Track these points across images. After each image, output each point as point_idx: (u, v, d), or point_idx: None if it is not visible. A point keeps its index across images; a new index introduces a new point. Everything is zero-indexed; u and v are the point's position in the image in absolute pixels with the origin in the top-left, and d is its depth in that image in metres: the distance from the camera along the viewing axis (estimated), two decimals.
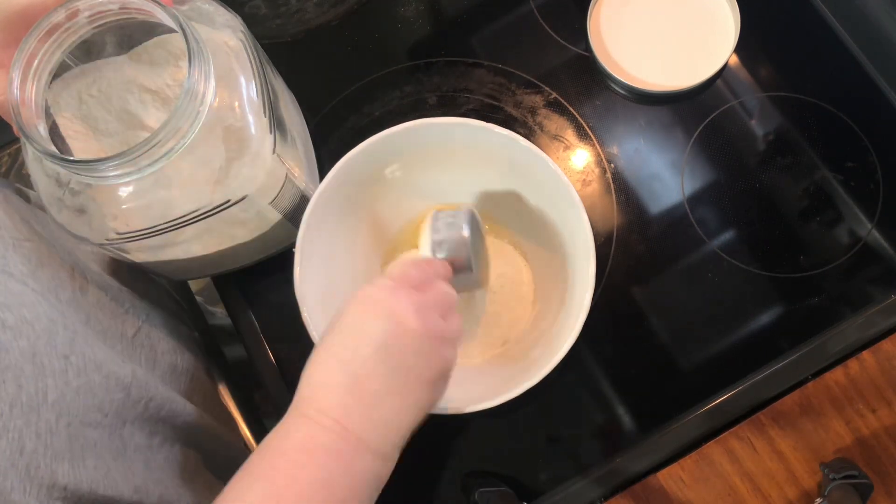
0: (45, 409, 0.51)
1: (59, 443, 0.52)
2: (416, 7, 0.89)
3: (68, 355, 0.54)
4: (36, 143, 0.52)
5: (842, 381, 0.74)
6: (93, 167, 0.52)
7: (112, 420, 0.59)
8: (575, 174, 0.82)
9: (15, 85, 0.53)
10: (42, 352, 0.52)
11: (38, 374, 0.51)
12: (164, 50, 0.61)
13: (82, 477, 0.53)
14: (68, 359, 0.54)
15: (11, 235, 0.58)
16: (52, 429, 0.51)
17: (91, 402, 0.56)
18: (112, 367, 0.59)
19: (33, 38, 0.54)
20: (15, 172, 1.78)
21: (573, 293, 0.68)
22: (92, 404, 0.56)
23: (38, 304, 0.54)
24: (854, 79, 0.83)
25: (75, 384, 0.54)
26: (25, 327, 0.51)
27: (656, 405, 0.75)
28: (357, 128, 0.85)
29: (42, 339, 0.52)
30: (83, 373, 0.55)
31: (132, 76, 0.61)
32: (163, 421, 0.66)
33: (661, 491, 0.73)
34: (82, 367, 0.55)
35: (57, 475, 0.51)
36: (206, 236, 0.63)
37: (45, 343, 0.52)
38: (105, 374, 0.58)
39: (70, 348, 0.55)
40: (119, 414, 0.60)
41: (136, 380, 0.62)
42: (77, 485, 0.53)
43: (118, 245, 0.60)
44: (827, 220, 0.79)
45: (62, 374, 0.53)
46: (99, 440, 0.57)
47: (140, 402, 0.62)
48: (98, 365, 0.57)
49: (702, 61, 0.82)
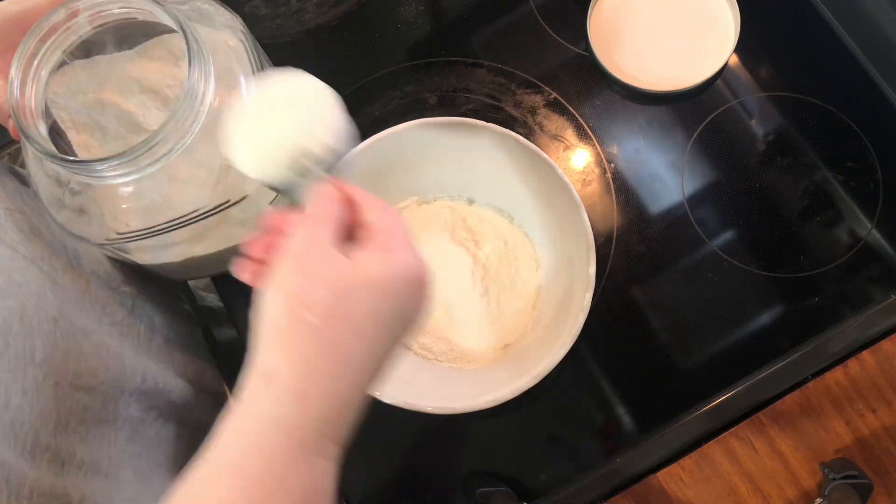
0: (31, 368, 0.51)
1: (45, 402, 0.52)
2: (416, 7, 0.89)
3: (57, 319, 0.54)
4: (36, 143, 0.52)
5: (842, 381, 0.74)
6: (92, 167, 0.52)
7: (109, 388, 0.59)
8: (575, 174, 0.82)
9: (15, 85, 0.53)
10: (31, 313, 0.52)
11: (25, 334, 0.51)
12: (165, 49, 0.61)
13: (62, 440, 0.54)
14: (57, 322, 0.54)
15: (4, 206, 0.58)
16: (38, 387, 0.51)
17: (83, 366, 0.56)
18: (102, 336, 0.59)
19: (33, 38, 0.54)
20: None
21: (573, 293, 0.68)
22: (84, 369, 0.56)
23: (27, 269, 0.54)
24: (854, 79, 0.83)
25: (63, 346, 0.54)
26: (14, 289, 0.51)
27: (656, 405, 0.75)
28: (357, 128, 0.85)
29: (31, 301, 0.52)
30: (72, 337, 0.55)
31: (132, 75, 0.61)
32: (160, 395, 0.66)
33: (661, 491, 0.73)
34: (71, 333, 0.55)
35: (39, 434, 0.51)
36: (206, 237, 0.63)
37: (34, 305, 0.53)
38: (95, 342, 0.58)
39: (59, 312, 0.55)
40: (116, 383, 0.60)
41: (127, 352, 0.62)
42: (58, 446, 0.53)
43: (118, 245, 0.60)
44: (827, 220, 0.79)
45: (50, 335, 0.53)
46: (89, 405, 0.57)
47: (136, 373, 0.63)
48: (86, 332, 0.57)
49: (702, 61, 0.82)
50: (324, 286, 0.40)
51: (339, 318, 0.40)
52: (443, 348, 0.72)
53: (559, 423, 0.76)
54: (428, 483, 0.76)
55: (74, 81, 0.60)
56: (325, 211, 0.43)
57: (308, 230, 0.42)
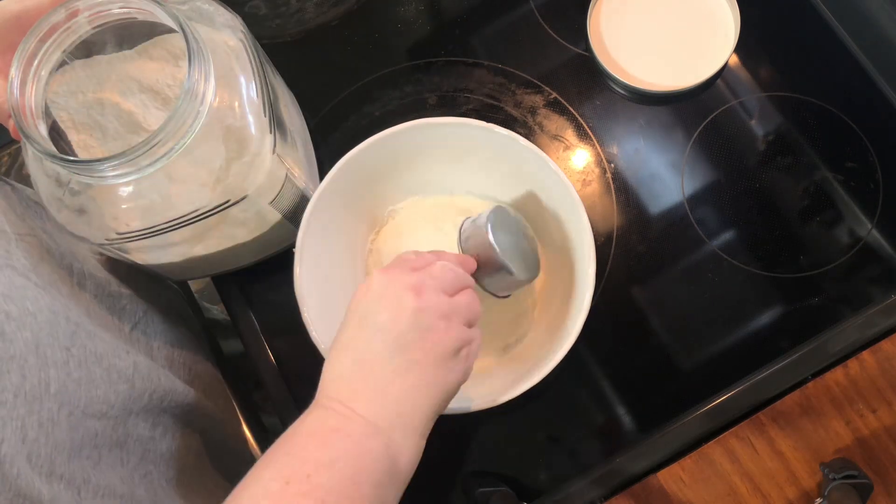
0: (47, 399, 0.51)
1: (60, 433, 0.52)
2: (416, 7, 0.89)
3: (69, 347, 0.55)
4: (36, 143, 0.52)
5: (842, 381, 0.74)
6: (92, 167, 0.52)
7: (118, 412, 0.60)
8: (575, 174, 0.82)
9: (15, 85, 0.53)
10: (45, 343, 0.52)
11: (41, 365, 0.51)
12: (165, 49, 0.61)
13: (76, 467, 0.54)
14: (69, 350, 0.55)
15: (15, 230, 0.58)
16: (53, 418, 0.52)
17: (94, 393, 0.56)
18: (112, 360, 0.60)
19: (33, 38, 0.54)
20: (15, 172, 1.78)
21: (573, 293, 0.68)
22: (95, 396, 0.57)
23: (40, 297, 0.54)
24: (854, 79, 0.83)
25: (76, 375, 0.55)
26: (29, 319, 0.52)
27: (656, 405, 0.75)
28: (357, 128, 0.85)
29: (44, 330, 0.53)
30: (84, 364, 0.56)
31: (132, 74, 0.61)
32: (166, 411, 0.67)
33: (661, 491, 0.73)
34: (83, 359, 0.56)
35: (55, 464, 0.52)
36: (206, 236, 0.63)
37: (48, 334, 0.53)
38: (106, 367, 0.58)
39: (71, 340, 0.55)
40: (125, 406, 0.61)
41: (139, 371, 0.62)
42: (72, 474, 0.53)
43: (118, 245, 0.60)
44: (827, 220, 0.79)
45: (64, 366, 0.54)
46: (101, 431, 0.58)
47: (145, 393, 0.63)
48: (98, 357, 0.58)
49: (702, 61, 0.82)
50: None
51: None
52: None
53: (559, 423, 0.76)
54: (428, 483, 0.76)
55: (74, 81, 0.60)
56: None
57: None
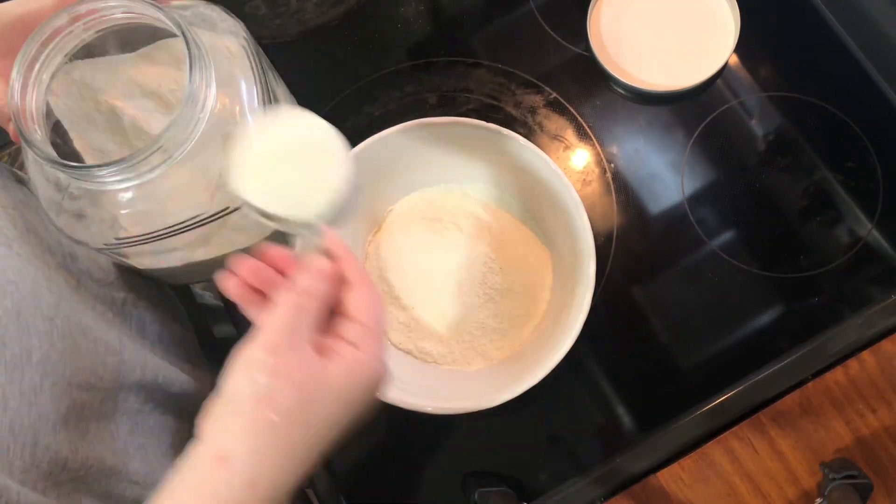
0: (29, 369, 0.51)
1: (44, 402, 0.52)
2: (416, 7, 0.89)
3: (53, 318, 0.54)
4: (36, 148, 0.52)
5: (842, 381, 0.74)
6: (92, 173, 0.52)
7: (109, 384, 0.59)
8: (575, 174, 0.82)
9: (16, 90, 0.53)
10: (26, 312, 0.52)
11: (22, 334, 0.51)
12: (167, 53, 0.61)
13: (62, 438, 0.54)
14: (53, 321, 0.54)
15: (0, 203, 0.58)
16: (36, 388, 0.51)
17: (80, 364, 0.56)
18: (99, 333, 0.59)
19: (35, 42, 0.54)
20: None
21: (573, 293, 0.68)
22: (82, 367, 0.56)
23: (23, 267, 0.54)
24: (854, 79, 0.83)
25: (60, 346, 0.54)
26: (10, 287, 0.51)
27: (656, 405, 0.76)
28: (357, 128, 0.85)
29: (27, 300, 0.52)
30: (68, 336, 0.55)
31: (133, 79, 0.61)
32: (159, 388, 0.66)
33: (661, 491, 0.73)
34: (67, 331, 0.55)
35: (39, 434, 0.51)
36: (206, 242, 0.63)
37: (30, 304, 0.53)
38: (92, 339, 0.58)
39: (55, 311, 0.55)
40: (116, 379, 0.60)
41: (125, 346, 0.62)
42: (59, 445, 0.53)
43: (117, 250, 0.60)
44: (827, 220, 0.79)
45: (47, 335, 0.53)
46: (88, 403, 0.57)
47: (136, 367, 0.63)
48: (83, 329, 0.57)
49: (702, 61, 0.82)
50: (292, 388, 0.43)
51: (299, 422, 0.43)
52: (442, 351, 0.72)
53: (559, 423, 0.76)
54: (428, 483, 0.76)
55: (76, 85, 0.60)
56: (313, 290, 0.46)
57: (291, 311, 0.44)
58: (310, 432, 0.43)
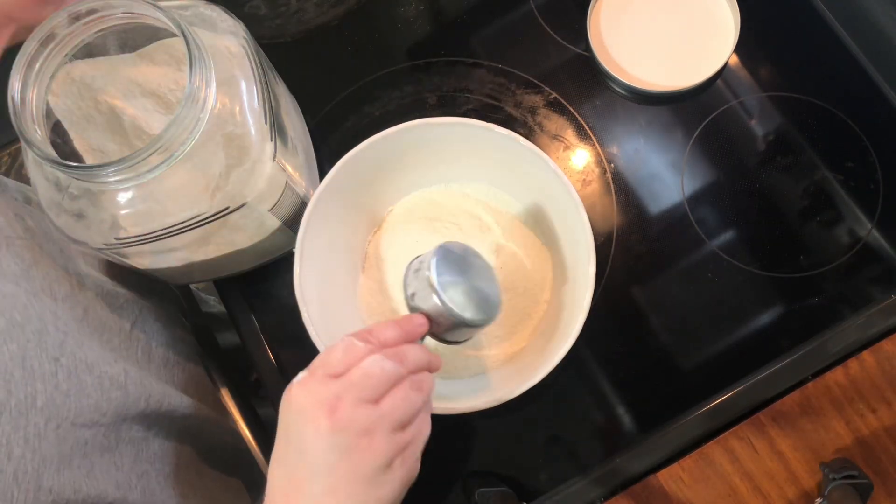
0: (33, 414, 0.51)
1: (48, 447, 0.52)
2: (416, 7, 0.89)
3: (58, 357, 0.54)
4: (36, 148, 0.52)
5: (842, 381, 0.74)
6: (92, 172, 0.52)
7: (111, 419, 0.59)
8: (575, 174, 0.82)
9: (16, 90, 0.53)
10: (32, 355, 0.52)
11: (27, 379, 0.51)
12: (167, 53, 0.61)
13: (66, 478, 0.54)
14: (58, 361, 0.54)
15: (5, 234, 0.58)
16: (40, 433, 0.51)
17: (85, 402, 0.56)
18: (104, 367, 0.59)
19: (34, 41, 0.54)
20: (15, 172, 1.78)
21: (573, 293, 0.68)
22: (86, 405, 0.56)
23: (29, 305, 0.54)
24: (854, 79, 0.83)
25: (65, 387, 0.54)
26: (16, 330, 0.51)
27: (656, 405, 0.76)
28: (357, 128, 0.85)
29: (32, 341, 0.52)
30: (73, 374, 0.55)
31: (133, 78, 0.61)
32: (161, 416, 0.66)
33: (661, 491, 0.73)
34: (72, 369, 0.55)
35: (42, 479, 0.51)
36: (206, 242, 0.63)
37: (35, 346, 0.52)
38: (97, 375, 0.58)
39: (60, 350, 0.55)
40: (118, 412, 0.60)
41: (130, 378, 0.62)
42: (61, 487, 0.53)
43: (117, 250, 0.60)
44: (827, 220, 0.79)
45: (52, 378, 0.53)
46: (91, 439, 0.57)
47: (140, 399, 0.62)
48: (89, 365, 0.57)
49: (702, 61, 0.82)
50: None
51: None
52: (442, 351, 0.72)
53: (559, 423, 0.76)
54: (428, 483, 0.76)
55: (76, 84, 0.60)
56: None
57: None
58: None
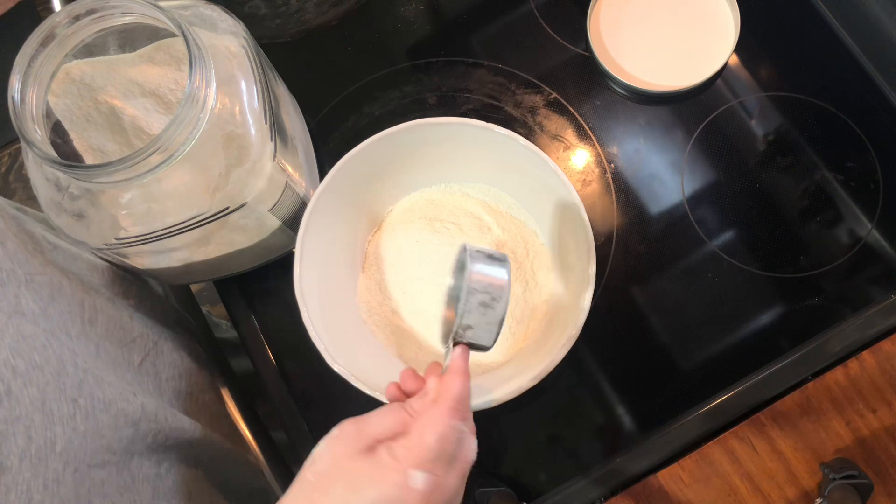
0: (52, 459, 0.50)
1: (66, 491, 0.51)
2: (416, 7, 0.89)
3: (77, 398, 0.53)
4: (36, 148, 0.52)
5: (842, 381, 0.74)
6: (92, 172, 0.52)
7: (120, 457, 0.59)
8: (575, 174, 0.82)
9: (16, 89, 0.53)
10: (51, 397, 0.51)
11: (47, 423, 0.50)
12: (167, 53, 0.61)
13: None
14: (77, 402, 0.53)
15: (24, 270, 0.56)
16: (59, 478, 0.51)
17: (99, 443, 0.55)
18: (121, 405, 0.58)
19: (34, 41, 0.54)
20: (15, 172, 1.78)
21: (573, 293, 0.68)
22: (100, 446, 0.55)
23: (48, 345, 0.53)
24: (854, 79, 0.83)
25: (83, 429, 0.53)
26: (35, 373, 0.50)
27: (656, 405, 0.76)
28: (357, 128, 0.85)
29: (51, 384, 0.52)
30: (91, 415, 0.54)
31: (133, 78, 0.61)
32: (171, 448, 0.66)
33: (661, 491, 0.73)
34: (90, 410, 0.54)
35: None
36: (205, 242, 0.63)
37: (55, 388, 0.52)
38: (113, 414, 0.57)
39: (79, 390, 0.54)
40: (128, 450, 0.59)
41: (145, 413, 0.61)
42: None
43: (117, 249, 0.60)
44: (827, 220, 0.79)
45: (70, 420, 0.52)
46: (106, 479, 0.56)
47: (148, 434, 0.62)
48: (106, 404, 0.56)
49: (702, 61, 0.82)
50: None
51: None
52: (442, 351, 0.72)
53: (559, 423, 0.76)
54: None
55: (76, 84, 0.60)
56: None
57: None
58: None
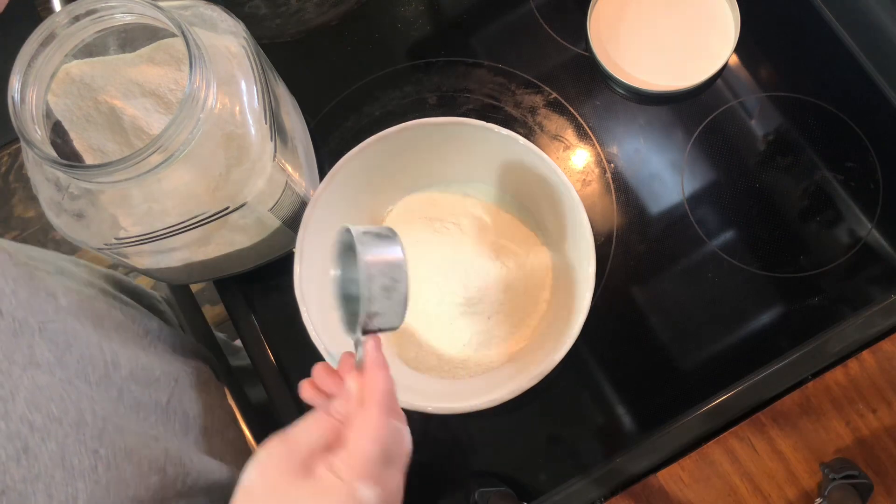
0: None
1: None
2: (416, 7, 0.89)
3: (97, 449, 0.52)
4: (36, 148, 0.52)
5: (842, 381, 0.74)
6: (92, 172, 0.52)
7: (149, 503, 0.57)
8: (575, 174, 0.82)
9: (16, 89, 0.53)
10: (71, 451, 0.50)
11: (67, 479, 0.49)
12: (167, 53, 0.61)
13: None
14: (97, 453, 0.52)
15: (37, 319, 0.54)
16: None
17: (124, 494, 0.54)
18: (143, 452, 0.57)
19: (34, 41, 0.54)
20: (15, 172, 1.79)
21: (573, 293, 0.68)
22: (125, 496, 0.54)
23: (66, 395, 0.52)
24: (854, 79, 0.83)
25: (105, 480, 0.52)
26: (54, 426, 0.49)
27: (656, 405, 0.76)
28: (357, 128, 0.85)
29: (71, 436, 0.50)
30: (112, 466, 0.53)
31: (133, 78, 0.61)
32: (201, 490, 0.64)
33: (661, 491, 0.73)
34: (112, 460, 0.53)
35: None
36: (205, 242, 0.63)
37: (74, 440, 0.51)
38: (136, 462, 0.56)
39: (99, 441, 0.53)
40: (156, 496, 0.58)
41: (170, 457, 0.60)
42: None
43: (117, 249, 0.60)
44: (827, 220, 0.79)
45: (91, 473, 0.51)
46: None
47: (177, 479, 0.60)
48: (128, 453, 0.55)
49: (702, 61, 0.82)
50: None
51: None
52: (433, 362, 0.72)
53: (559, 423, 0.76)
54: (428, 483, 0.76)
55: (75, 84, 0.60)
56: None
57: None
58: None
